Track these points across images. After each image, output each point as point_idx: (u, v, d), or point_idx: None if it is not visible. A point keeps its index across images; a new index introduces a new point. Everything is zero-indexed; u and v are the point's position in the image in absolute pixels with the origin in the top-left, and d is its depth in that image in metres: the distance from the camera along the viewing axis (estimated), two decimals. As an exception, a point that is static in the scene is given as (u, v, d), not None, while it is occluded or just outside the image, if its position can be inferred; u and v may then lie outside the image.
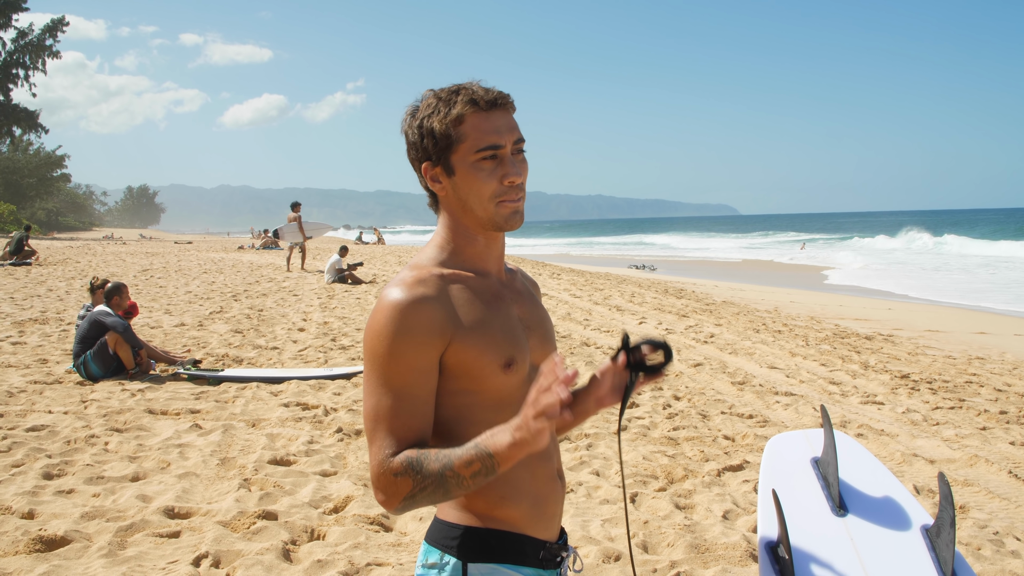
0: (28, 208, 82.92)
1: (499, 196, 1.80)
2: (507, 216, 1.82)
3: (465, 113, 1.77)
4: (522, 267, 2.18)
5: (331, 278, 20.07)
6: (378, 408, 1.73)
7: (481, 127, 1.78)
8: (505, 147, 1.79)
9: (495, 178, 1.79)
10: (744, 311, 16.76)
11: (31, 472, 5.69)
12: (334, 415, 7.44)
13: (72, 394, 8.17)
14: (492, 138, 1.77)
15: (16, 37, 66.35)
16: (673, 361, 1.99)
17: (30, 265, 25.32)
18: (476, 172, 1.79)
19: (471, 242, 1.88)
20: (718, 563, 4.52)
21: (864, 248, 54.97)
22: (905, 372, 10.11)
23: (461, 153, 1.79)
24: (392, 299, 1.74)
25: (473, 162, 1.78)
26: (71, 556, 4.40)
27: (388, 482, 1.68)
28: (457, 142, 1.78)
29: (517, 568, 1.84)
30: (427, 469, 1.65)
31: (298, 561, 4.46)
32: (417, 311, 1.73)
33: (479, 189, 1.79)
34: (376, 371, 1.74)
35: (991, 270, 32.68)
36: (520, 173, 1.80)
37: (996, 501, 5.67)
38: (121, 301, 9.34)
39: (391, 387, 1.73)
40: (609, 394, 2.01)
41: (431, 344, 1.74)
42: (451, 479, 1.63)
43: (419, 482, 1.65)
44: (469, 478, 1.63)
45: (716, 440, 6.90)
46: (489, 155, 1.78)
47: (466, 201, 1.82)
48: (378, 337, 1.74)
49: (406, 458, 1.67)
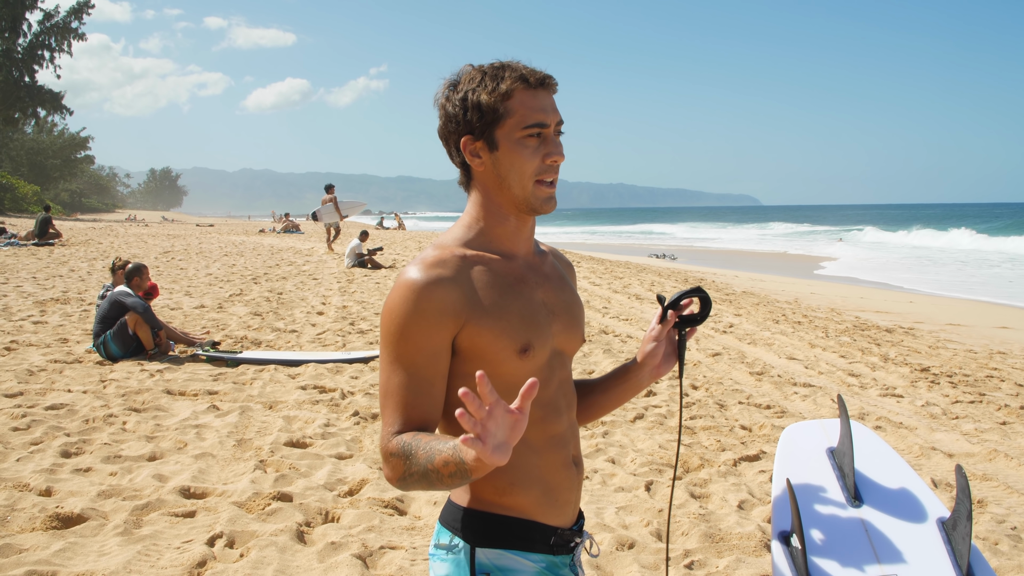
0: (52, 189, 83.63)
1: (539, 175, 1.79)
2: (543, 200, 1.82)
3: (514, 89, 1.77)
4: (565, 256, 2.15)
5: (351, 262, 20.11)
6: (388, 385, 1.75)
7: (529, 104, 1.77)
8: (550, 126, 1.79)
9: (538, 156, 1.79)
10: (764, 302, 16.68)
11: (49, 450, 5.73)
12: (351, 398, 7.46)
13: (91, 373, 8.23)
14: (539, 115, 1.77)
15: (42, 19, 66.72)
16: (711, 304, 2.02)
17: (53, 245, 25.52)
18: (521, 148, 1.78)
19: (502, 222, 1.86)
20: (732, 553, 4.50)
21: (868, 241, 55.43)
22: (925, 365, 10.03)
23: (507, 128, 1.78)
24: (408, 279, 1.75)
25: (519, 138, 1.78)
26: (87, 534, 4.43)
27: (386, 459, 1.70)
28: (504, 116, 1.77)
29: (525, 554, 1.83)
30: (414, 457, 1.63)
31: (312, 543, 4.47)
32: (431, 292, 1.72)
33: (521, 166, 1.78)
34: (388, 349, 1.75)
35: (985, 265, 32.75)
36: (562, 153, 1.80)
37: (1015, 496, 5.62)
38: (141, 282, 9.40)
39: (401, 365, 1.74)
40: (663, 362, 2.05)
41: (444, 325, 1.73)
42: (432, 473, 1.60)
43: (408, 467, 1.65)
44: (447, 477, 1.58)
45: (733, 430, 6.86)
46: (535, 132, 1.77)
47: (506, 178, 1.81)
48: (391, 316, 1.74)
49: (401, 441, 1.68)
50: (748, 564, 4.34)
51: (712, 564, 4.37)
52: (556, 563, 1.87)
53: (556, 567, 1.87)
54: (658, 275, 21.95)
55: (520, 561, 1.82)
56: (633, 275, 21.15)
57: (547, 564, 1.85)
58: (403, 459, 1.66)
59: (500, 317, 1.78)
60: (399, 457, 1.66)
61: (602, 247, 47.37)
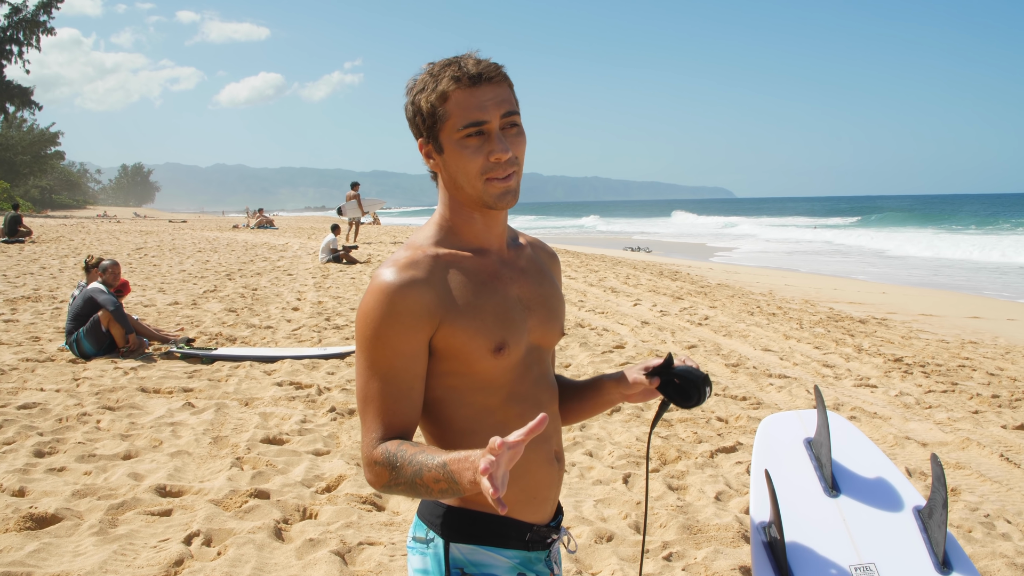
0: (21, 185, 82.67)
1: (486, 173, 1.74)
2: (496, 196, 1.76)
3: (448, 90, 1.73)
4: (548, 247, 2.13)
5: (325, 258, 20.04)
6: (366, 391, 1.74)
7: (465, 103, 1.72)
8: (491, 122, 1.73)
9: (481, 154, 1.73)
10: (739, 294, 16.76)
11: (22, 450, 5.67)
12: (327, 394, 7.43)
13: (64, 372, 8.15)
14: (475, 115, 1.72)
15: (9, 13, 65.94)
16: (707, 397, 1.93)
17: (23, 243, 25.25)
18: (462, 150, 1.74)
19: (468, 220, 1.84)
20: (710, 544, 4.52)
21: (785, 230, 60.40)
22: (898, 355, 10.12)
23: (447, 131, 1.75)
24: (381, 281, 1.73)
25: (458, 140, 1.74)
26: (62, 534, 4.39)
27: (370, 468, 1.69)
28: (443, 120, 1.74)
29: (499, 550, 1.83)
30: (400, 470, 1.63)
31: (290, 540, 4.45)
32: (405, 294, 1.71)
33: (465, 167, 1.75)
34: (364, 354, 1.74)
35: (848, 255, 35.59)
36: (506, 149, 1.73)
37: (987, 484, 5.68)
38: (111, 279, 9.30)
39: (378, 370, 1.73)
40: (640, 395, 2.02)
41: (419, 328, 1.72)
42: (420, 487, 1.61)
43: (394, 477, 1.65)
44: (436, 492, 1.59)
45: (709, 422, 6.90)
46: (473, 132, 1.73)
47: (455, 178, 1.79)
48: (366, 320, 1.73)
49: (385, 451, 1.67)
50: (726, 555, 4.36)
51: (690, 556, 4.39)
52: (531, 559, 1.87)
53: (531, 562, 1.86)
54: (633, 268, 22.01)
55: (494, 557, 1.82)
56: (609, 268, 21.19)
57: (521, 560, 1.85)
58: (388, 469, 1.65)
59: (474, 317, 1.76)
60: (384, 467, 1.66)
61: (578, 240, 47.41)
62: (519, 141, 1.78)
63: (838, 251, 37.91)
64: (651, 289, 16.66)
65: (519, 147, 1.78)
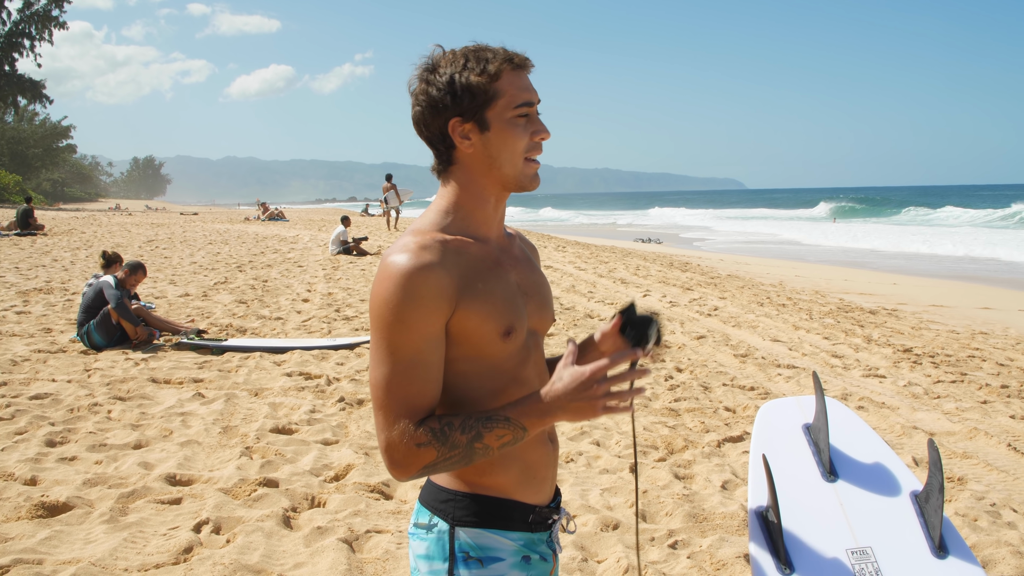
0: (33, 179, 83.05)
1: (528, 151, 1.83)
2: (531, 176, 1.86)
3: (503, 70, 1.80)
4: (528, 238, 2.17)
5: (335, 249, 20.08)
6: (390, 377, 1.71)
7: (517, 83, 1.81)
8: (535, 105, 1.84)
9: (527, 134, 1.82)
10: (749, 285, 16.74)
11: (34, 439, 5.73)
12: (337, 385, 7.47)
13: (76, 363, 8.21)
14: (527, 95, 1.81)
15: (22, 7, 66.11)
16: (653, 336, 1.99)
17: (35, 236, 25.37)
18: (512, 128, 1.80)
19: (481, 205, 1.87)
20: (715, 532, 4.54)
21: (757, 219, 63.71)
22: (908, 346, 10.10)
23: (498, 108, 1.80)
24: (399, 265, 1.71)
25: (510, 118, 1.80)
26: (73, 522, 4.44)
27: (408, 452, 1.68)
28: (495, 97, 1.79)
29: (504, 533, 1.85)
30: (454, 440, 1.67)
31: (298, 528, 4.49)
32: (425, 277, 1.71)
33: (514, 144, 1.81)
34: (385, 340, 1.72)
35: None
36: (548, 131, 1.85)
37: (994, 473, 5.68)
38: (133, 280, 9.36)
39: (402, 355, 1.71)
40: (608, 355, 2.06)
41: (440, 310, 1.73)
42: (479, 450, 1.68)
43: (444, 452, 1.67)
44: (497, 448, 1.69)
45: (717, 411, 6.91)
46: (525, 112, 1.81)
47: (497, 157, 1.82)
48: (386, 305, 1.71)
49: (430, 429, 1.68)
50: (731, 543, 4.38)
51: (696, 543, 4.42)
52: (534, 540, 1.89)
53: (534, 544, 1.89)
54: (643, 259, 22.00)
55: (499, 540, 1.84)
56: (618, 259, 21.18)
57: (525, 542, 1.87)
58: (436, 446, 1.67)
59: (486, 301, 1.78)
60: (430, 445, 1.67)
61: (588, 231, 47.35)
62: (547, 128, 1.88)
63: (770, 241, 40.71)
64: (661, 280, 16.65)
65: (550, 133, 1.88)
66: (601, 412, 1.66)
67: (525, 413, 1.68)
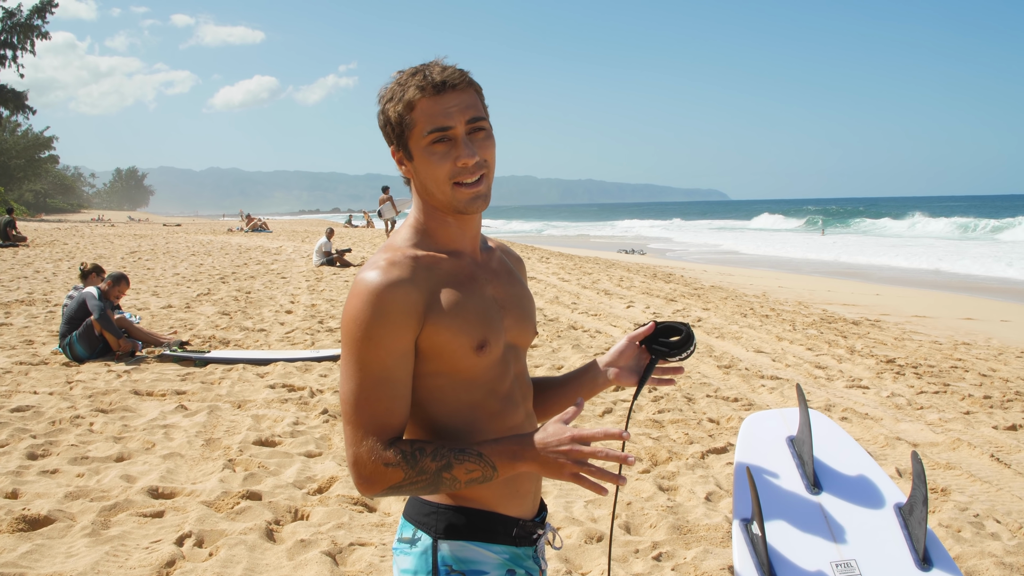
0: (16, 190, 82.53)
1: (454, 178, 1.78)
2: (465, 201, 1.80)
3: (414, 99, 1.76)
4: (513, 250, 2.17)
5: (319, 260, 20.05)
6: (358, 393, 1.73)
7: (430, 111, 1.76)
8: (455, 128, 1.76)
9: (449, 160, 1.77)
10: (732, 296, 16.80)
11: (15, 452, 5.69)
12: (320, 396, 7.45)
13: (58, 375, 8.16)
14: (440, 121, 1.75)
15: (3, 17, 65.82)
16: (694, 346, 2.04)
17: (17, 247, 25.21)
18: (429, 156, 1.78)
19: (442, 224, 1.87)
20: (700, 544, 4.55)
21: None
22: (891, 357, 10.15)
23: (415, 138, 1.78)
24: (368, 282, 1.73)
25: (425, 146, 1.78)
26: (54, 535, 4.41)
27: (375, 469, 1.69)
28: (410, 128, 1.78)
29: (487, 546, 1.84)
30: (423, 465, 1.68)
31: (281, 541, 4.47)
32: (393, 294, 1.72)
33: (434, 173, 1.78)
34: (354, 355, 1.73)
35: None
36: (473, 154, 1.77)
37: (978, 484, 5.71)
38: (117, 291, 9.34)
39: (370, 371, 1.72)
40: (626, 372, 2.10)
41: (408, 327, 1.74)
42: (447, 480, 1.69)
43: (411, 476, 1.68)
44: (464, 483, 1.69)
45: (701, 423, 6.92)
46: (439, 138, 1.76)
47: (425, 185, 1.82)
48: (355, 321, 1.73)
49: (399, 451, 1.69)
50: (715, 555, 4.38)
51: (680, 555, 4.42)
52: (519, 555, 1.89)
53: (519, 559, 1.88)
54: (627, 270, 22.04)
55: (483, 553, 1.83)
56: (602, 271, 21.21)
57: (510, 556, 1.87)
58: (404, 468, 1.68)
59: (456, 315, 1.78)
60: (398, 467, 1.68)
61: (571, 242, 47.43)
62: (487, 145, 1.81)
63: (719, 250, 43.11)
64: (644, 291, 16.69)
65: (487, 151, 1.81)
66: (567, 476, 1.66)
67: (498, 453, 1.69)
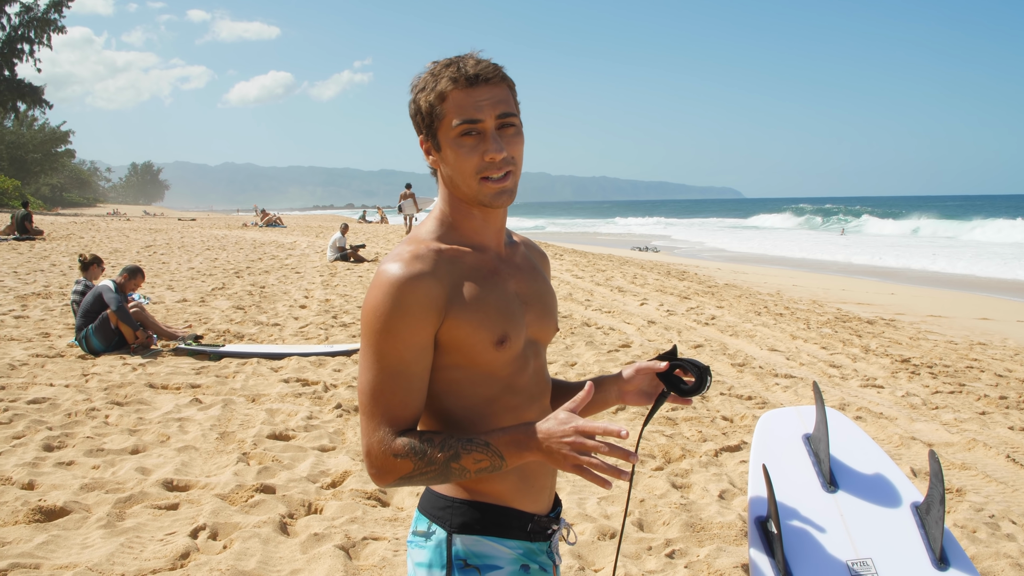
0: (32, 183, 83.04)
1: (481, 172, 1.77)
2: (491, 196, 1.79)
3: (447, 90, 1.75)
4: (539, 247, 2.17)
5: (333, 256, 20.09)
6: (374, 384, 1.73)
7: (461, 103, 1.75)
8: (485, 122, 1.75)
9: (477, 154, 1.76)
10: (746, 294, 16.75)
11: (32, 444, 5.72)
12: (334, 391, 7.46)
13: (73, 368, 8.20)
14: (470, 113, 1.74)
15: (21, 12, 66.17)
16: (707, 388, 2.01)
17: (34, 240, 25.35)
18: (458, 148, 1.77)
19: (467, 217, 1.86)
20: (713, 541, 4.53)
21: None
22: (906, 356, 10.11)
23: (444, 129, 1.77)
24: (389, 275, 1.73)
25: (454, 138, 1.77)
26: (70, 526, 4.43)
27: (386, 461, 1.70)
28: (440, 118, 1.77)
29: (501, 540, 1.84)
30: (431, 456, 1.68)
31: (295, 534, 4.48)
32: (414, 287, 1.72)
33: (461, 165, 1.77)
34: (372, 347, 1.74)
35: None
36: (501, 149, 1.75)
37: (993, 485, 5.68)
38: (132, 284, 9.39)
39: (387, 364, 1.73)
40: (635, 394, 2.09)
41: (428, 321, 1.73)
42: (456, 470, 1.68)
43: (420, 467, 1.68)
44: (474, 472, 1.69)
45: (714, 421, 6.91)
46: (468, 130, 1.75)
47: (452, 177, 1.81)
48: (374, 313, 1.73)
49: (409, 442, 1.69)
50: (728, 553, 4.37)
51: (693, 553, 4.41)
52: (533, 550, 1.88)
53: (533, 554, 1.88)
54: (641, 268, 22.01)
55: (497, 547, 1.83)
56: (616, 268, 21.19)
57: (524, 551, 1.87)
58: (414, 459, 1.68)
59: (478, 309, 1.78)
60: (407, 457, 1.68)
61: (585, 239, 47.43)
62: (516, 141, 1.80)
63: (707, 247, 43.71)
64: (658, 289, 16.66)
65: (515, 147, 1.79)
66: (571, 467, 1.64)
67: (505, 443, 1.68)
